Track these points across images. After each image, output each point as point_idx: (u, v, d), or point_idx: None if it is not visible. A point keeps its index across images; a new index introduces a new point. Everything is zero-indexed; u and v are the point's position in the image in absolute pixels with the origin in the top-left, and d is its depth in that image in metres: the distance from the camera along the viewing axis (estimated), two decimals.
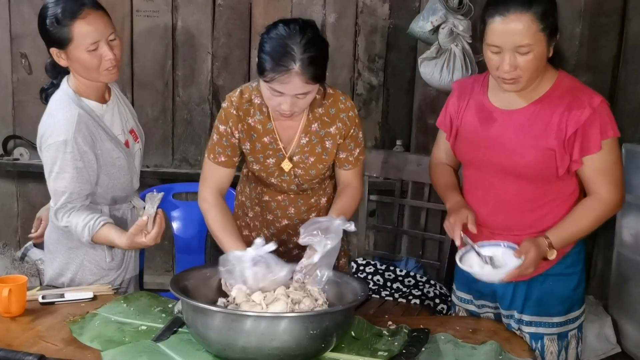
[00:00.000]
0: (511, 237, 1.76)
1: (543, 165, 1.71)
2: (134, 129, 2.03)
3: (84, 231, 1.81)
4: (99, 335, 1.59)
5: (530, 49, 1.61)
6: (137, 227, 1.75)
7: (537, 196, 1.76)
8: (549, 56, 1.67)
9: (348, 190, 1.90)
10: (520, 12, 1.59)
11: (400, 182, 2.92)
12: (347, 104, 1.86)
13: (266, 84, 1.67)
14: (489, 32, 1.64)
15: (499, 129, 1.76)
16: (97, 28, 1.79)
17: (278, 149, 1.86)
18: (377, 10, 3.16)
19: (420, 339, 1.60)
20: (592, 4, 3.08)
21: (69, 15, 1.77)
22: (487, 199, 1.82)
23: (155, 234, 1.76)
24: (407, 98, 3.23)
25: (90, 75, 1.84)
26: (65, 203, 1.84)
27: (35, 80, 3.20)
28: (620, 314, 3.03)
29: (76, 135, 1.80)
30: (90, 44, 1.78)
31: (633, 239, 2.95)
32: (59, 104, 1.85)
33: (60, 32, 1.78)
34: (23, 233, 3.32)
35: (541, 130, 1.70)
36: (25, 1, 3.13)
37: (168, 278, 1.76)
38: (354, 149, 1.89)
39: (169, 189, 2.79)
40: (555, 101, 1.70)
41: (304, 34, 1.64)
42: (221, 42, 3.19)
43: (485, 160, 1.79)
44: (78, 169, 1.81)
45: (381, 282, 2.66)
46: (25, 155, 3.23)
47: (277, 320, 1.45)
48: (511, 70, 1.64)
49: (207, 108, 3.25)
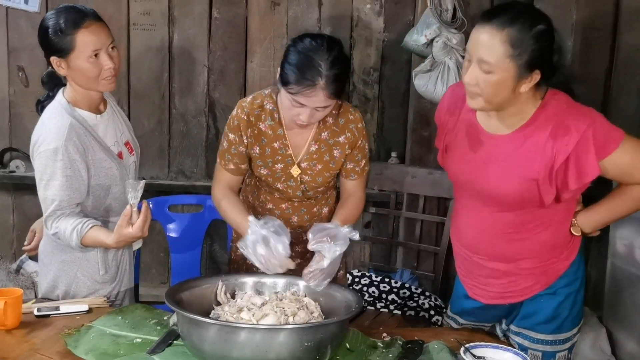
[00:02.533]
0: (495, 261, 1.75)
1: (525, 195, 1.65)
2: (130, 141, 2.04)
3: (72, 235, 1.81)
4: (94, 348, 1.59)
5: (492, 70, 1.54)
6: (122, 217, 1.75)
7: (520, 223, 1.71)
8: (519, 91, 1.58)
9: (352, 198, 1.95)
10: (495, 29, 1.54)
11: (396, 194, 2.94)
12: (356, 115, 1.93)
13: (289, 95, 1.70)
14: (469, 38, 1.61)
15: (486, 154, 1.70)
16: (99, 37, 1.83)
17: (287, 155, 1.89)
18: (372, 24, 3.19)
19: (414, 351, 1.60)
20: (584, 17, 3.12)
21: (72, 25, 1.81)
22: (472, 222, 1.78)
23: (141, 222, 1.74)
24: (402, 110, 3.25)
25: (90, 84, 1.86)
26: (54, 211, 1.84)
27: (32, 92, 3.20)
28: (615, 325, 3.04)
29: (67, 143, 1.81)
30: (92, 52, 1.82)
31: (627, 250, 2.97)
32: (52, 114, 1.88)
33: (63, 41, 1.81)
34: (18, 245, 3.31)
35: (525, 159, 1.64)
36: (23, 14, 3.15)
37: (163, 290, 1.77)
38: (360, 160, 1.95)
39: (165, 201, 2.80)
40: (539, 129, 1.62)
41: (332, 51, 1.68)
42: (217, 55, 3.21)
43: (471, 184, 1.75)
44: (68, 177, 1.83)
45: (376, 294, 2.66)
46: (21, 168, 3.23)
47: (271, 332, 1.46)
48: (471, 82, 1.58)
49: (203, 120, 3.26)
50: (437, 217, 2.88)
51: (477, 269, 1.81)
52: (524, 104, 1.63)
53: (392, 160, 3.19)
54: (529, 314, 1.79)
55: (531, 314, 1.78)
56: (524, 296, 1.79)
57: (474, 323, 1.92)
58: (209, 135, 3.27)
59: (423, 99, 3.06)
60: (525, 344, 1.79)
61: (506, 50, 1.53)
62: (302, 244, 2.02)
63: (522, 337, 1.80)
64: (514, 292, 1.79)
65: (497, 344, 1.63)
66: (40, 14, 3.13)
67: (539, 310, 1.77)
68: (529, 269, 1.75)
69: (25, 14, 3.14)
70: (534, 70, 1.56)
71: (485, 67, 1.55)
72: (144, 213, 1.74)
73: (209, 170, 3.26)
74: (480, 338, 1.73)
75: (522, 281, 1.77)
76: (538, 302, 1.77)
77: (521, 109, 1.64)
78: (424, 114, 3.13)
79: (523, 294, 1.78)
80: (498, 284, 1.79)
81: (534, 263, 1.75)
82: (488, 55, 1.54)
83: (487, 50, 1.54)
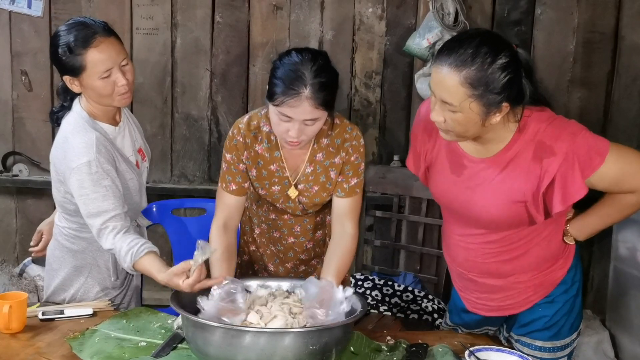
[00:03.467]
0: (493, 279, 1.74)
1: (514, 217, 1.62)
2: (142, 147, 2.04)
3: (126, 257, 1.76)
4: (99, 352, 1.59)
5: (456, 110, 1.50)
6: (181, 268, 1.69)
7: (512, 242, 1.68)
8: (488, 124, 1.53)
9: (342, 243, 1.82)
10: (454, 70, 1.47)
11: (398, 197, 2.94)
12: (352, 134, 1.85)
13: (275, 109, 1.68)
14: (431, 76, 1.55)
15: (469, 178, 1.65)
16: (110, 56, 1.78)
17: (284, 177, 1.87)
18: (374, 28, 3.20)
19: (419, 354, 1.61)
20: (586, 21, 3.12)
21: (81, 45, 1.77)
22: (463, 244, 1.75)
23: (193, 281, 1.66)
24: (404, 114, 3.26)
25: (104, 101, 1.84)
26: (104, 223, 1.78)
27: (35, 97, 3.22)
28: (618, 328, 3.04)
29: (98, 156, 1.78)
30: (103, 72, 1.78)
31: (629, 253, 2.97)
32: (74, 128, 1.83)
33: (73, 61, 1.78)
34: (21, 249, 3.32)
35: (510, 182, 1.59)
36: (26, 19, 3.16)
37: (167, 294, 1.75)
38: (351, 177, 1.85)
39: (168, 205, 2.80)
40: (521, 152, 1.58)
41: (316, 61, 1.67)
42: (220, 59, 3.21)
43: (457, 208, 1.71)
44: (107, 187, 1.79)
45: (379, 297, 2.66)
46: (25, 172, 3.24)
47: (276, 336, 1.46)
48: (439, 120, 1.54)
49: (205, 124, 3.27)
50: (439, 220, 2.87)
51: (473, 285, 1.80)
52: (500, 131, 1.58)
53: (395, 164, 3.20)
54: (526, 321, 1.78)
55: (529, 322, 1.77)
56: (523, 307, 1.78)
57: (476, 331, 1.92)
58: (211, 139, 3.27)
59: None
60: (525, 350, 1.78)
61: (467, 92, 1.47)
62: (307, 252, 2.03)
63: (522, 344, 1.79)
64: (513, 304, 1.78)
65: (501, 347, 1.63)
66: (43, 18, 3.15)
67: (537, 319, 1.76)
68: (525, 282, 1.74)
69: (28, 18, 3.15)
70: (501, 103, 1.50)
71: (449, 107, 1.51)
72: (197, 273, 1.65)
73: (211, 174, 3.27)
74: (484, 341, 1.73)
75: (520, 294, 1.76)
76: (535, 310, 1.76)
77: (498, 135, 1.59)
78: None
79: (522, 305, 1.77)
80: (496, 299, 1.78)
81: (530, 276, 1.73)
82: (449, 97, 1.49)
83: (448, 92, 1.49)
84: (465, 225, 1.72)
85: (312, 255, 2.04)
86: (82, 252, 1.94)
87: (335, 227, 1.87)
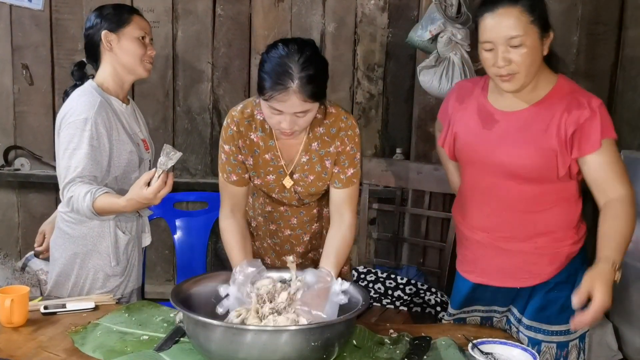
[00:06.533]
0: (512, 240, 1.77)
1: (543, 165, 1.72)
2: (147, 140, 2.10)
3: (85, 197, 1.79)
4: (101, 346, 1.59)
5: (522, 41, 1.64)
6: (143, 176, 1.72)
7: (536, 196, 1.76)
8: (544, 54, 1.70)
9: (340, 231, 1.82)
10: (509, 6, 1.65)
11: (401, 190, 2.93)
12: (348, 122, 1.84)
13: (265, 103, 1.67)
14: (481, 30, 1.69)
15: (501, 130, 1.77)
16: (147, 27, 2.03)
17: (279, 166, 1.86)
18: (376, 20, 3.18)
19: (422, 347, 1.60)
20: (590, 12, 3.10)
21: (129, 9, 2.04)
22: (487, 200, 1.82)
23: (157, 186, 1.68)
24: (406, 106, 3.25)
25: (133, 62, 1.97)
26: (74, 177, 1.84)
27: (37, 90, 3.22)
28: (622, 321, 3.03)
29: (96, 116, 1.87)
30: (142, 32, 1.99)
31: (633, 246, 2.94)
32: (82, 92, 1.94)
33: (121, 16, 1.98)
34: (24, 243, 3.32)
35: (542, 131, 1.71)
36: (27, 12, 3.15)
37: (169, 287, 1.76)
38: (347, 167, 1.84)
39: (170, 199, 2.80)
40: (556, 103, 1.72)
41: (302, 53, 1.64)
42: (221, 52, 3.20)
43: (486, 161, 1.79)
44: (93, 148, 1.86)
45: (382, 290, 2.66)
46: (26, 166, 3.24)
47: (278, 333, 1.45)
48: (505, 64, 1.66)
49: (207, 117, 3.26)
50: (442, 213, 2.87)
51: (490, 251, 1.83)
52: (541, 78, 1.74)
53: (397, 157, 3.19)
54: (543, 305, 1.79)
55: (545, 305, 1.79)
56: (537, 280, 1.79)
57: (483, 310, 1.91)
58: (213, 133, 3.26)
59: (428, 95, 3.06)
60: (538, 337, 1.79)
61: (527, 18, 1.65)
62: (303, 244, 2.02)
63: (535, 331, 1.80)
64: (527, 275, 1.80)
65: (505, 340, 1.63)
66: (43, 11, 3.13)
67: (554, 301, 1.78)
68: (543, 247, 1.78)
69: (29, 12, 3.14)
70: (549, 27, 1.69)
71: (515, 41, 1.64)
72: (162, 179, 1.70)
73: (213, 167, 3.26)
74: (488, 334, 1.73)
75: (537, 260, 1.79)
76: (552, 293, 1.79)
77: (538, 84, 1.74)
78: (429, 109, 3.13)
79: (536, 277, 1.79)
80: (511, 264, 1.81)
81: (548, 241, 1.78)
82: (515, 29, 1.64)
83: (512, 27, 1.64)
84: (494, 179, 1.79)
85: (309, 248, 2.04)
86: (82, 238, 1.95)
87: (333, 217, 1.87)
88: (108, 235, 1.95)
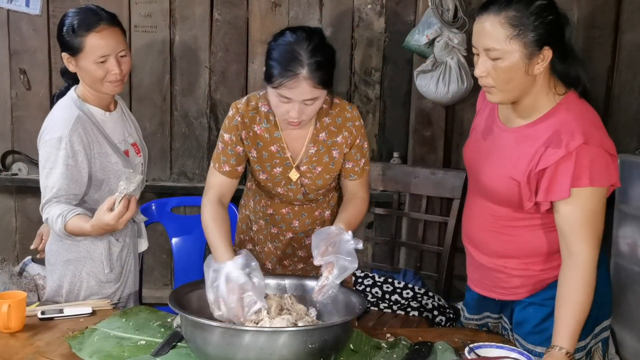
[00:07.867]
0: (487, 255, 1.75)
1: (508, 193, 1.63)
2: (137, 143, 2.07)
3: (57, 220, 1.80)
4: (98, 351, 1.59)
5: (499, 55, 1.53)
6: (105, 202, 1.71)
7: (506, 219, 1.69)
8: (533, 74, 1.55)
9: (354, 200, 1.90)
10: (494, 15, 1.53)
11: (398, 194, 2.93)
12: (353, 113, 1.89)
13: (274, 91, 1.67)
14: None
15: (492, 145, 1.70)
16: (109, 43, 1.86)
17: (285, 158, 1.86)
18: (373, 24, 3.19)
19: (422, 353, 1.60)
20: (586, 16, 3.11)
21: (85, 27, 1.85)
22: (471, 212, 1.80)
23: (118, 212, 1.68)
24: (403, 110, 3.25)
25: (94, 85, 1.91)
26: (50, 198, 1.84)
27: (34, 95, 3.22)
28: (619, 324, 3.04)
29: (71, 134, 1.84)
30: (99, 57, 1.86)
31: (630, 249, 2.96)
32: (60, 106, 1.93)
33: (73, 41, 1.86)
34: (21, 248, 3.32)
35: (514, 158, 1.61)
36: (24, 17, 3.15)
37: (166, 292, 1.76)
38: (359, 160, 1.90)
39: (167, 203, 2.80)
40: (542, 131, 1.58)
41: (311, 40, 1.65)
42: (219, 57, 3.21)
43: (474, 172, 1.76)
44: (68, 167, 1.84)
45: (380, 295, 2.66)
46: (24, 170, 3.24)
47: (276, 335, 1.45)
48: (482, 75, 1.57)
49: (205, 122, 3.26)
50: (440, 217, 2.88)
51: (475, 261, 1.83)
52: (540, 95, 1.59)
53: (395, 161, 3.19)
54: (519, 321, 1.77)
55: (521, 322, 1.77)
56: (512, 296, 1.77)
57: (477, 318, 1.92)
58: (210, 137, 3.27)
59: (425, 99, 3.06)
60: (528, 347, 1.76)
61: (507, 32, 1.52)
62: (305, 248, 2.02)
63: (519, 345, 1.76)
64: (502, 290, 1.78)
65: (502, 344, 1.63)
66: (41, 16, 3.14)
67: (528, 320, 1.74)
68: (514, 269, 1.73)
69: (26, 17, 3.14)
70: (543, 47, 1.53)
71: (492, 54, 1.54)
72: (123, 204, 1.69)
73: None
74: (484, 338, 1.73)
75: (507, 281, 1.76)
76: (527, 311, 1.75)
77: (536, 102, 1.60)
78: (426, 114, 3.14)
79: (511, 294, 1.77)
80: (487, 277, 1.80)
81: (519, 265, 1.72)
82: (491, 41, 1.53)
83: (490, 37, 1.53)
84: (477, 193, 1.76)
85: (310, 253, 2.04)
86: (75, 245, 1.95)
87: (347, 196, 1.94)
88: (101, 242, 1.95)
